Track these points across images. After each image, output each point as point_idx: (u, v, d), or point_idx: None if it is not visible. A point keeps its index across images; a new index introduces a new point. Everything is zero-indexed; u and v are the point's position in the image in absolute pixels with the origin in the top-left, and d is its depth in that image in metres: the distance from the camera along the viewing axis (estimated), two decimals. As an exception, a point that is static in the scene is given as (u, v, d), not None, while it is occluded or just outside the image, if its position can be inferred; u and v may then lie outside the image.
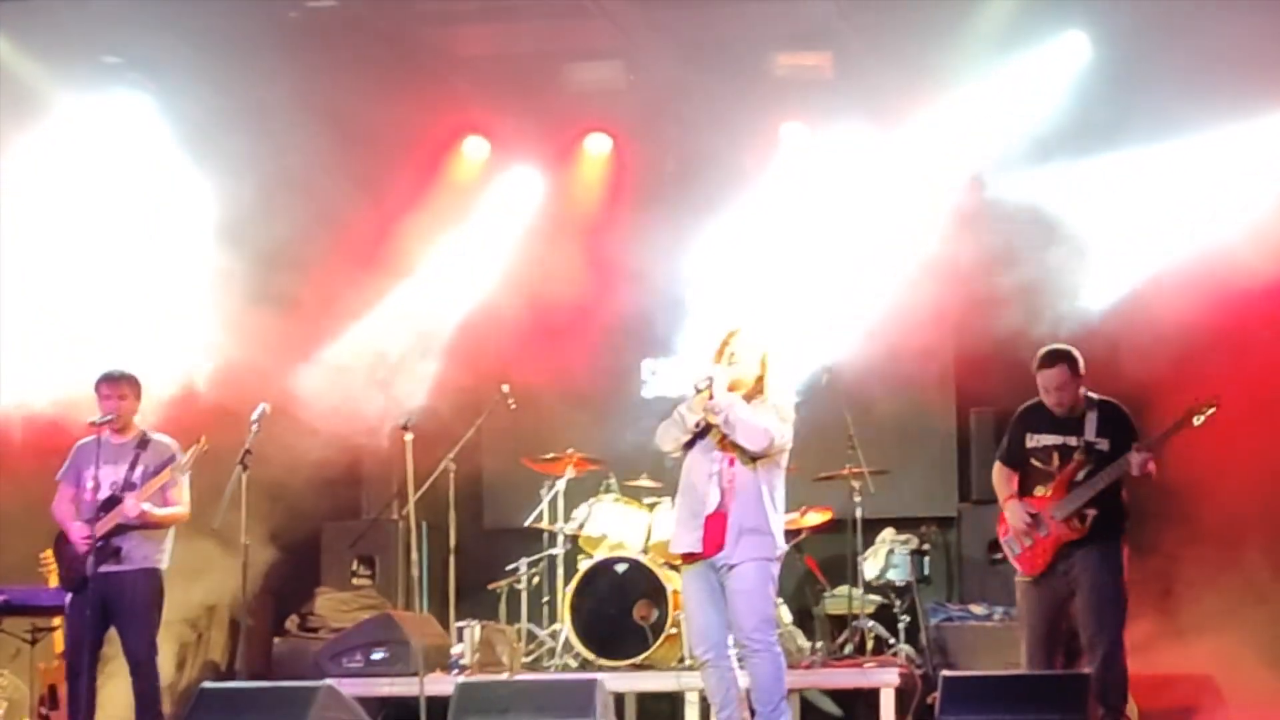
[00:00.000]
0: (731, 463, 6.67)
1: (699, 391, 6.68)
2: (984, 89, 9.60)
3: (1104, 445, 7.08)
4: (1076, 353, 7.25)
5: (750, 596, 6.59)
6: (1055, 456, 7.14)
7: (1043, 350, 7.29)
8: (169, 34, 9.07)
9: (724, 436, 6.66)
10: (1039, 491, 7.17)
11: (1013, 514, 7.19)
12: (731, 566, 6.60)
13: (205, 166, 9.66)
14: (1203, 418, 6.93)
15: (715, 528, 6.64)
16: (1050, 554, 7.09)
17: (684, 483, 6.82)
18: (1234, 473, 8.44)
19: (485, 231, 10.56)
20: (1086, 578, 7.03)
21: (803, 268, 10.16)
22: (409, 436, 8.39)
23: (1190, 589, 8.47)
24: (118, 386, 7.81)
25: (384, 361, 10.15)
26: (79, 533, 7.60)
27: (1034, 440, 7.22)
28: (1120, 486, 7.11)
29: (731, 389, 6.71)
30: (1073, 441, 7.12)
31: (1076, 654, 7.20)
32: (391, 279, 10.31)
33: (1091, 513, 7.03)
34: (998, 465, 7.40)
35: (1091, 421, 7.12)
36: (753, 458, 6.64)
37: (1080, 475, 7.07)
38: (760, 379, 6.75)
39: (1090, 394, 7.23)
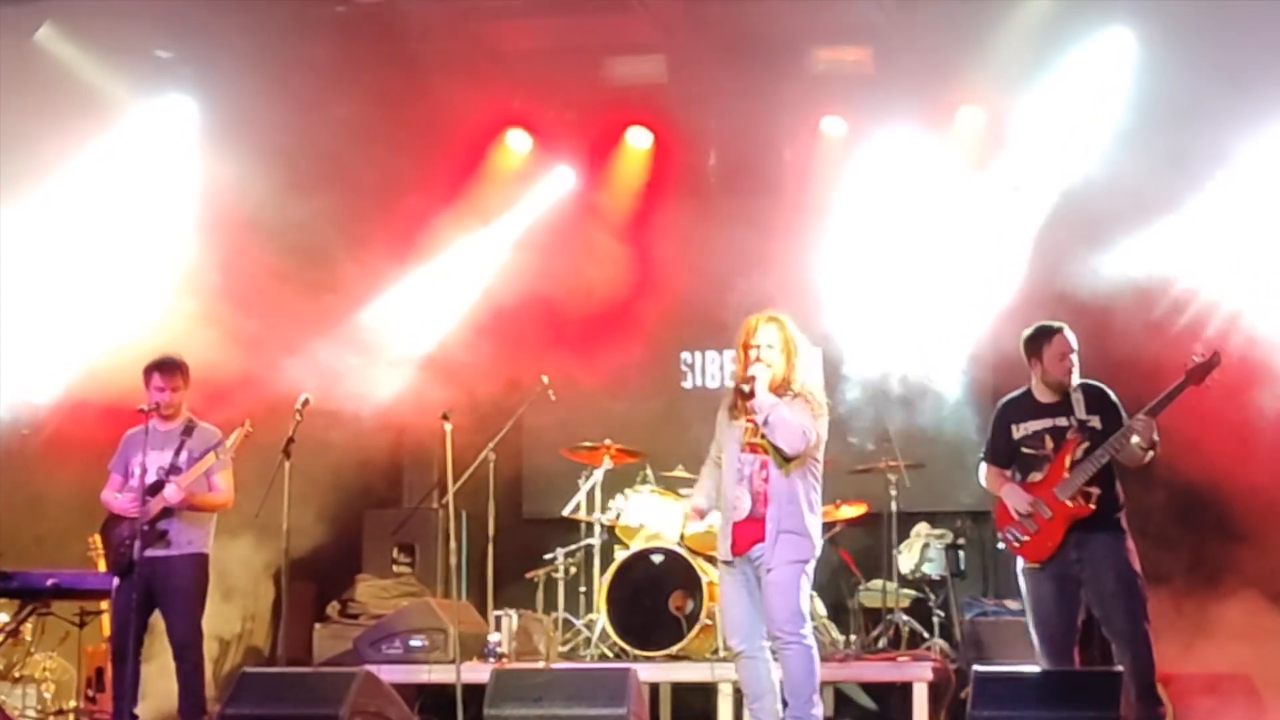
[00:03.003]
0: (764, 465, 6.66)
1: (743, 393, 6.68)
2: (1026, 85, 9.60)
3: (1096, 422, 6.93)
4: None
5: (783, 590, 6.62)
6: (1048, 439, 6.99)
7: (1037, 326, 7.16)
8: (218, 28, 9.19)
9: (754, 439, 6.67)
10: (1034, 478, 7.00)
11: (1013, 498, 6.99)
12: (769, 568, 6.63)
13: (253, 159, 9.78)
14: (1206, 375, 6.77)
15: (745, 533, 6.66)
16: (1059, 537, 6.90)
17: (721, 489, 6.86)
18: (1272, 468, 8.40)
19: (527, 223, 10.63)
20: (1105, 569, 6.88)
21: (842, 263, 10.20)
22: (449, 426, 8.46)
23: (1226, 587, 8.41)
24: (171, 377, 7.89)
25: (426, 351, 10.26)
26: (129, 502, 7.70)
27: (1021, 429, 7.07)
28: (1114, 471, 6.96)
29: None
30: (1064, 422, 6.98)
31: (1089, 642, 7.12)
32: (433, 270, 10.39)
33: (1096, 491, 6.87)
34: (985, 466, 7.21)
35: (1079, 401, 6.98)
36: (787, 459, 6.65)
37: (1079, 453, 6.92)
38: (787, 373, 6.74)
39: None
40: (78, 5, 8.94)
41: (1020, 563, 7.10)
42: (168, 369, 7.89)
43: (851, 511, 9.26)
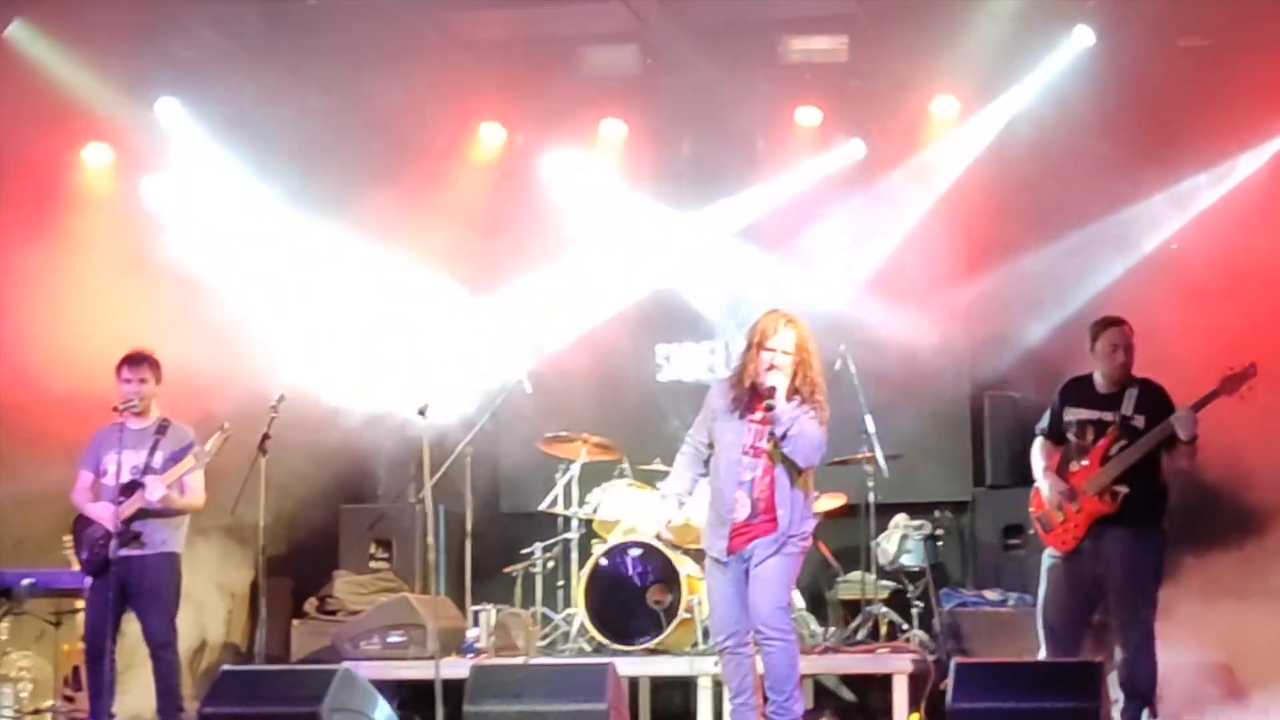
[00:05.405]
0: (768, 471, 6.56)
1: (768, 407, 6.50)
2: (996, 74, 9.63)
3: (1140, 422, 6.99)
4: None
5: (770, 584, 6.58)
6: (1089, 431, 7.08)
7: (1099, 318, 7.26)
8: (189, 22, 9.15)
9: (760, 444, 6.58)
10: (1073, 467, 7.11)
11: (1048, 486, 7.12)
12: (760, 561, 6.59)
13: (229, 154, 9.76)
14: (1240, 386, 6.86)
15: (743, 534, 6.58)
16: (1083, 529, 7.01)
17: (712, 485, 6.73)
18: (1251, 454, 8.43)
19: (501, 216, 10.57)
20: (1120, 564, 6.95)
21: (818, 252, 10.19)
22: (425, 421, 8.43)
23: (1207, 575, 8.43)
24: (139, 369, 7.82)
25: (403, 345, 10.21)
26: (105, 511, 7.65)
27: (1071, 414, 7.17)
28: (1158, 467, 7.03)
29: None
30: (1108, 417, 7.05)
31: (1103, 639, 7.18)
32: (410, 264, 10.32)
33: (1123, 490, 6.95)
34: (1038, 439, 7.32)
35: (1130, 398, 7.04)
36: (799, 470, 6.58)
37: (1114, 450, 7.00)
38: (801, 379, 6.58)
39: (1131, 373, 7.16)
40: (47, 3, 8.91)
41: (1045, 551, 7.21)
42: (134, 361, 7.82)
43: (830, 504, 9.22)
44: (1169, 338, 8.29)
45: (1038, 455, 7.31)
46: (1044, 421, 7.35)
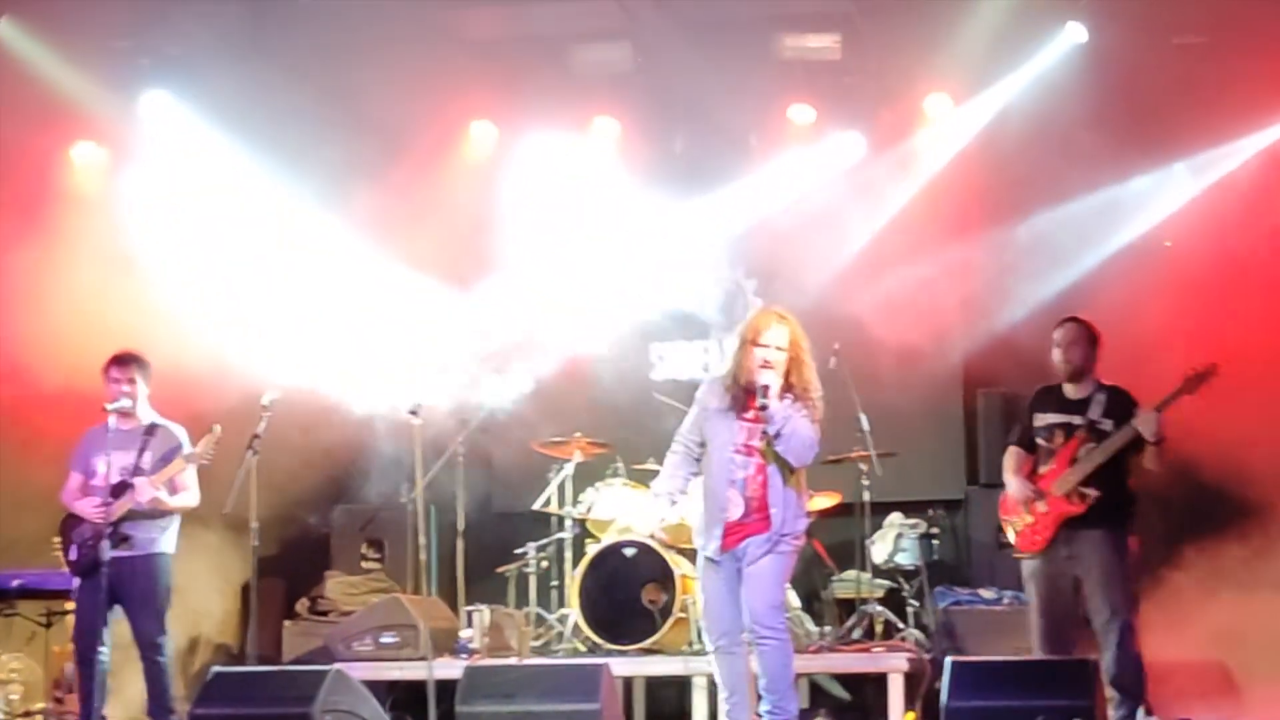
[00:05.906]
0: (760, 470, 6.53)
1: (762, 407, 6.48)
2: (989, 71, 9.62)
3: (1108, 426, 7.11)
4: (1095, 326, 7.31)
5: (764, 582, 6.56)
6: (1058, 434, 7.19)
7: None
8: (178, 18, 9.12)
9: (752, 442, 6.55)
10: (1041, 470, 7.22)
11: (1015, 488, 7.24)
12: (753, 561, 6.56)
13: (218, 150, 9.72)
14: (1200, 385, 6.94)
15: (736, 532, 6.55)
16: (1051, 530, 7.12)
17: (704, 483, 6.70)
18: (1249, 448, 8.43)
19: (492, 214, 10.54)
20: (1094, 562, 7.05)
21: (811, 250, 10.17)
22: (418, 420, 8.41)
23: (1198, 573, 8.45)
24: (127, 369, 7.80)
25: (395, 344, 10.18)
26: (92, 506, 7.60)
27: (1040, 420, 7.28)
28: (1125, 471, 7.12)
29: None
30: (1076, 420, 7.16)
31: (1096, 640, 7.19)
32: (401, 262, 10.29)
33: (1093, 493, 7.05)
34: (1009, 449, 7.42)
35: (1099, 404, 7.16)
36: (792, 469, 6.56)
37: (1081, 452, 7.11)
38: (794, 376, 6.56)
39: (1100, 380, 7.26)
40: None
41: (1022, 555, 7.30)
42: (122, 361, 7.80)
43: (824, 502, 9.20)
44: (1162, 332, 8.31)
45: (1008, 463, 7.40)
46: (1016, 432, 7.47)
